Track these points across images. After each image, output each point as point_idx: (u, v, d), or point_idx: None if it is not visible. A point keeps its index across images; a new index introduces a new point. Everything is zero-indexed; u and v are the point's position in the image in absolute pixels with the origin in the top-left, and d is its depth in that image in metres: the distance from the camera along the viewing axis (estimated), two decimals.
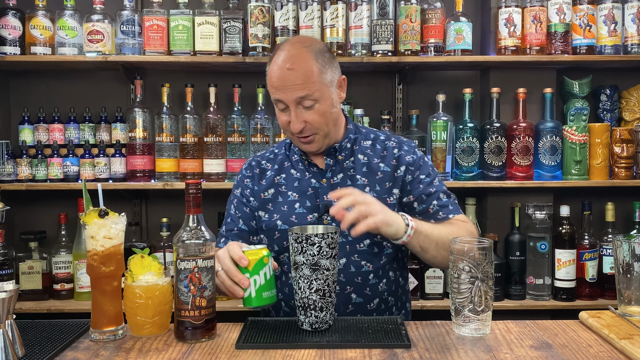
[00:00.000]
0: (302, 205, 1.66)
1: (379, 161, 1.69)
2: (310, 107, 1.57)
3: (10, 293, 1.11)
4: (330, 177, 1.67)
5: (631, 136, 2.62)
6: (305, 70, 1.55)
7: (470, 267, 1.27)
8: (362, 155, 1.69)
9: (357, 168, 1.67)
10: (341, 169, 1.68)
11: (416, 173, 1.68)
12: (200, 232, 1.28)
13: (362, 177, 1.66)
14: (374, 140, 1.73)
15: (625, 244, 1.35)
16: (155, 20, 2.55)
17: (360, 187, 1.63)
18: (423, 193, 1.66)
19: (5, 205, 2.06)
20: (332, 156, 1.68)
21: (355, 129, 1.74)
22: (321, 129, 1.61)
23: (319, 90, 1.56)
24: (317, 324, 1.30)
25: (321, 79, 1.57)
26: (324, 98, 1.58)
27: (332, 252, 1.28)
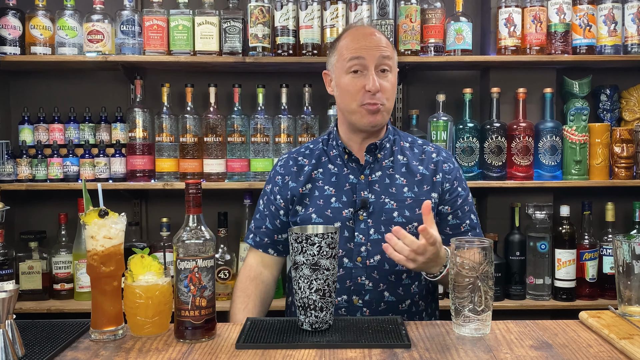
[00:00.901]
0: (338, 199, 1.67)
1: (417, 164, 1.70)
2: (386, 73, 1.63)
3: (10, 293, 1.11)
4: (368, 174, 1.68)
5: (631, 136, 2.62)
6: (386, 40, 1.66)
7: (470, 267, 1.27)
8: (402, 155, 1.71)
9: (397, 168, 1.69)
10: (380, 167, 1.69)
11: (455, 183, 1.70)
12: (200, 232, 1.28)
13: (401, 177, 1.68)
14: (412, 144, 1.76)
15: (625, 244, 1.35)
16: (155, 20, 2.55)
17: (399, 187, 1.65)
18: (460, 208, 1.69)
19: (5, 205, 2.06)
20: (371, 153, 1.69)
21: (394, 130, 1.78)
22: (388, 101, 1.65)
23: (393, 60, 1.65)
24: (317, 324, 1.30)
25: (395, 53, 1.67)
26: (394, 72, 1.66)
27: (332, 252, 1.28)
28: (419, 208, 1.62)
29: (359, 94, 1.62)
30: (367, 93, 1.60)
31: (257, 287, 1.73)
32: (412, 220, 1.63)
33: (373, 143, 1.68)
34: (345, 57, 1.64)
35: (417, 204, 1.64)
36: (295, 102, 2.74)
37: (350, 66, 1.63)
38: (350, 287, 1.63)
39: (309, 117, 2.62)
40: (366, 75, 1.61)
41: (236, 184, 2.56)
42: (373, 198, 1.65)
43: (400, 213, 1.64)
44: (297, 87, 2.71)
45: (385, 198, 1.65)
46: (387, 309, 1.62)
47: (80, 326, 1.35)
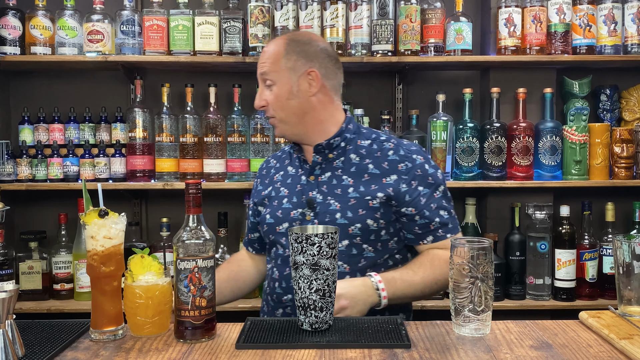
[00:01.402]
0: (289, 200, 1.71)
1: (369, 162, 1.67)
2: (269, 87, 1.66)
3: (10, 293, 1.11)
4: (319, 174, 1.69)
5: (631, 136, 2.62)
6: (271, 52, 1.67)
7: (470, 267, 1.27)
8: (355, 155, 1.69)
9: (346, 168, 1.68)
10: (330, 168, 1.69)
11: (413, 183, 1.64)
12: (200, 232, 1.28)
13: (348, 177, 1.66)
14: (373, 141, 1.72)
15: (625, 244, 1.35)
16: (155, 20, 2.55)
17: (345, 188, 1.64)
18: (425, 208, 1.64)
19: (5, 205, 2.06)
20: (320, 154, 1.69)
21: (356, 129, 1.74)
22: (277, 113, 1.68)
23: (276, 73, 1.65)
24: (317, 324, 1.30)
25: (280, 63, 1.65)
26: (281, 82, 1.65)
27: (332, 252, 1.28)
28: (362, 209, 1.62)
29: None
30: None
31: (230, 264, 1.91)
32: (355, 221, 1.62)
33: (320, 144, 1.68)
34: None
35: (360, 205, 1.62)
36: None
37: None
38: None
39: None
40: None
41: (236, 184, 2.57)
42: (320, 198, 1.66)
43: (342, 214, 1.62)
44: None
45: (330, 199, 1.65)
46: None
47: (80, 326, 1.35)
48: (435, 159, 2.59)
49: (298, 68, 1.65)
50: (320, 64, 1.67)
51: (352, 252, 1.63)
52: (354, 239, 1.62)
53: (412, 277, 1.59)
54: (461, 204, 2.76)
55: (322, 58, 1.68)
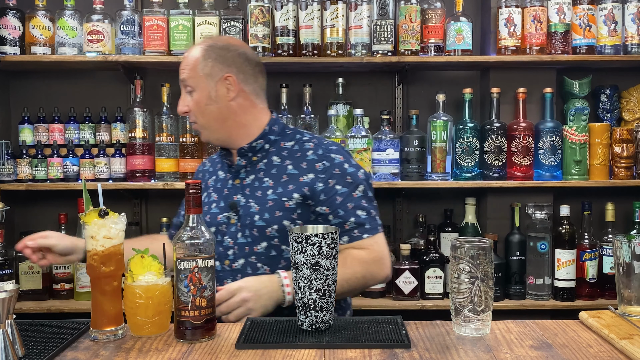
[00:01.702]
0: (217, 205, 1.72)
1: (289, 162, 1.68)
2: (190, 93, 1.69)
3: (10, 293, 1.11)
4: (244, 177, 1.71)
5: (631, 136, 2.62)
6: (189, 59, 1.69)
7: (470, 267, 1.27)
8: (277, 157, 1.70)
9: (267, 170, 1.69)
10: (254, 171, 1.70)
11: (330, 182, 1.63)
12: (200, 232, 1.28)
13: (269, 179, 1.67)
14: (296, 141, 1.72)
15: (625, 244, 1.35)
16: (155, 20, 2.55)
17: (265, 190, 1.66)
18: (340, 207, 1.62)
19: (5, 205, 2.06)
20: (244, 157, 1.71)
21: (280, 131, 1.74)
22: (198, 119, 1.70)
23: (194, 79, 1.68)
24: (317, 324, 1.30)
25: (198, 69, 1.67)
26: (199, 88, 1.68)
27: (332, 252, 1.28)
28: (279, 210, 1.63)
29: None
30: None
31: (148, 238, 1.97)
32: (272, 223, 1.62)
33: (242, 147, 1.70)
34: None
35: (278, 206, 1.63)
36: (295, 102, 2.74)
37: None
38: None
39: (309, 117, 2.63)
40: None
41: None
42: (243, 202, 1.68)
43: (260, 216, 1.63)
44: (297, 87, 2.71)
45: (251, 202, 1.66)
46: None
47: (80, 326, 1.35)
48: (435, 159, 2.59)
49: (215, 74, 1.67)
50: (238, 69, 1.68)
51: (272, 253, 1.64)
52: (272, 240, 1.64)
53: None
54: (461, 204, 2.76)
55: (240, 63, 1.69)
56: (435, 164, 2.59)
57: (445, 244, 2.70)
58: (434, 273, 2.60)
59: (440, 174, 2.59)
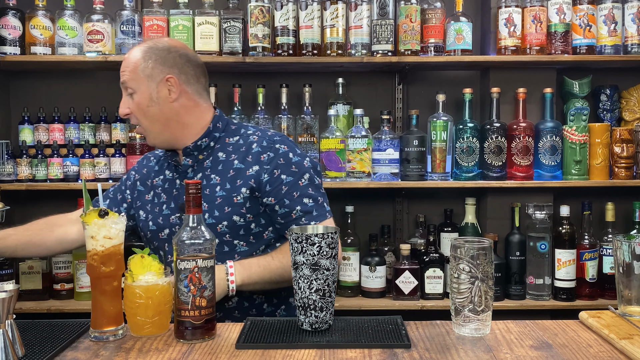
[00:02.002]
0: (168, 206, 1.71)
1: (235, 157, 1.67)
2: (131, 95, 1.66)
3: (10, 293, 1.11)
4: (191, 177, 1.69)
5: (631, 136, 2.62)
6: (130, 61, 1.66)
7: (470, 267, 1.27)
8: (223, 152, 1.69)
9: (214, 167, 1.68)
10: (201, 169, 1.69)
11: (275, 172, 1.62)
12: (201, 232, 1.28)
13: (216, 175, 1.66)
14: (241, 136, 1.72)
15: (625, 244, 1.35)
16: (155, 20, 2.55)
17: (213, 187, 1.65)
18: (286, 196, 1.62)
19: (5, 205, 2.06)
20: (190, 156, 1.70)
21: (225, 127, 1.74)
22: (141, 122, 1.68)
23: (134, 81, 1.65)
24: (317, 324, 1.30)
25: (138, 71, 1.65)
26: (140, 90, 1.65)
27: (332, 252, 1.28)
28: (228, 206, 1.62)
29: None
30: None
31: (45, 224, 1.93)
32: (222, 219, 1.62)
33: (187, 147, 1.69)
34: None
35: (226, 203, 1.63)
36: (295, 102, 2.74)
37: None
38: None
39: (309, 117, 2.63)
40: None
41: None
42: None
43: (210, 214, 1.62)
44: (297, 87, 2.71)
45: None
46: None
47: (80, 326, 1.35)
48: (435, 159, 2.59)
49: (156, 75, 1.64)
50: (180, 70, 1.67)
51: (225, 249, 1.64)
52: (224, 236, 1.63)
53: (269, 262, 1.60)
54: (461, 204, 2.76)
55: (182, 64, 1.68)
56: (435, 164, 2.60)
57: (445, 244, 2.70)
58: (434, 273, 2.60)
59: (440, 174, 2.59)
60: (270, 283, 1.61)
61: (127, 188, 1.84)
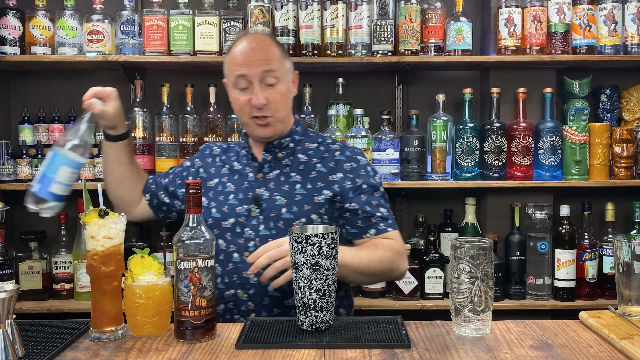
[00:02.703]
0: (236, 196, 1.74)
1: (317, 161, 1.74)
2: (272, 85, 1.67)
3: (10, 293, 1.11)
4: (267, 172, 1.74)
5: (631, 136, 2.62)
6: (270, 50, 1.70)
7: (470, 267, 1.27)
8: (303, 155, 1.76)
9: (294, 166, 1.74)
10: (279, 166, 1.75)
11: (358, 182, 1.72)
12: (201, 232, 1.28)
13: (296, 174, 1.72)
14: (320, 144, 1.80)
15: (625, 244, 1.35)
16: (155, 20, 2.55)
17: (292, 184, 1.71)
18: (366, 204, 1.70)
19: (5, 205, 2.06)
20: (271, 152, 1.75)
21: (303, 132, 1.82)
22: (278, 111, 1.70)
23: (281, 70, 1.70)
24: (317, 324, 1.30)
25: (282, 62, 1.71)
26: (284, 79, 1.70)
27: (332, 252, 1.29)
28: (308, 204, 1.68)
29: (247, 107, 1.69)
30: (254, 107, 1.68)
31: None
32: (300, 216, 1.67)
33: (271, 143, 1.75)
34: (231, 73, 1.71)
35: (307, 201, 1.69)
36: (295, 102, 2.71)
37: (235, 82, 1.70)
38: (236, 281, 1.67)
39: (309, 117, 2.63)
40: (252, 89, 1.68)
41: None
42: (267, 195, 1.71)
43: (288, 209, 1.68)
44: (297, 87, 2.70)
45: (277, 195, 1.70)
46: (271, 303, 1.65)
47: (80, 326, 1.35)
48: (435, 159, 2.59)
49: (290, 69, 1.74)
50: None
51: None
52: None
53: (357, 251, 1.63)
54: (461, 204, 2.76)
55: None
56: (435, 164, 2.60)
57: (445, 244, 2.70)
58: (434, 273, 2.60)
59: (440, 174, 2.59)
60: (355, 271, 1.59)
61: (190, 174, 1.88)
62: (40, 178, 1.49)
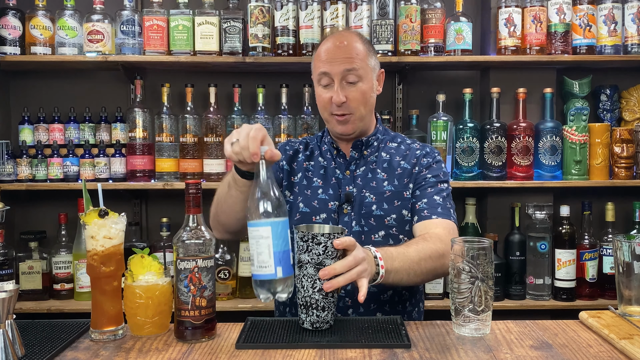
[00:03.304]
0: (324, 192, 1.73)
1: (400, 159, 1.75)
2: (354, 83, 1.67)
3: (10, 293, 1.11)
4: (354, 169, 1.74)
5: (631, 136, 2.62)
6: (354, 48, 1.68)
7: (470, 267, 1.27)
8: (386, 153, 1.77)
9: (379, 163, 1.75)
10: (365, 163, 1.75)
11: (424, 171, 1.73)
12: (200, 232, 1.28)
13: (382, 172, 1.73)
14: (400, 143, 1.81)
15: (625, 244, 1.35)
16: (155, 20, 2.55)
17: (380, 181, 1.71)
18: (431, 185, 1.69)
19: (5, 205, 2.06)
20: (358, 149, 1.76)
21: (384, 131, 1.84)
22: (358, 110, 1.69)
23: (364, 69, 1.68)
24: (318, 324, 1.30)
25: (366, 60, 1.69)
26: (367, 78, 1.69)
27: (337, 253, 1.28)
28: (397, 200, 1.68)
29: (328, 104, 1.69)
30: (334, 104, 1.68)
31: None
32: (390, 212, 1.68)
33: (359, 140, 1.75)
34: (316, 70, 1.72)
35: (395, 197, 1.69)
36: (295, 102, 2.74)
37: (319, 79, 1.71)
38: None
39: (309, 117, 2.63)
40: (333, 87, 1.68)
41: None
42: (356, 192, 1.71)
43: (378, 206, 1.68)
44: (297, 87, 2.71)
45: (366, 192, 1.70)
46: (369, 299, 1.62)
47: (80, 326, 1.35)
48: None
49: (376, 67, 1.74)
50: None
51: (389, 242, 1.66)
52: (390, 229, 1.67)
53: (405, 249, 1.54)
54: (461, 204, 2.76)
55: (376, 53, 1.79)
56: None
57: None
58: None
59: None
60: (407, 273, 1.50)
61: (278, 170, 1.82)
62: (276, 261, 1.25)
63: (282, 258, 1.25)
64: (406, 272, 1.49)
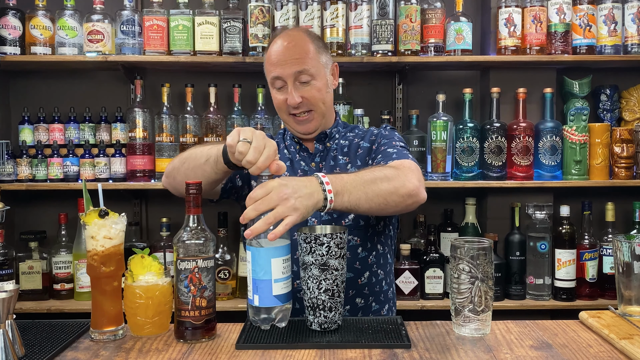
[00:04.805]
0: None
1: (359, 140, 1.76)
2: (307, 82, 1.66)
3: (10, 293, 1.11)
4: (319, 161, 1.75)
5: (631, 136, 2.62)
6: (303, 48, 1.67)
7: (470, 267, 1.27)
8: (344, 140, 1.78)
9: (339, 150, 1.76)
10: (327, 153, 1.76)
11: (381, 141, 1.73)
12: (201, 232, 1.28)
13: (343, 156, 1.74)
14: (358, 129, 1.83)
15: (625, 244, 1.35)
16: (155, 20, 2.55)
17: (342, 165, 1.72)
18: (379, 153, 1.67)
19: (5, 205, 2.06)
20: (321, 142, 1.77)
21: (344, 124, 1.86)
22: (317, 107, 1.69)
23: (315, 67, 1.67)
24: (326, 324, 1.30)
25: (317, 58, 1.68)
26: (320, 75, 1.69)
27: (341, 252, 1.28)
28: None
29: (284, 105, 1.70)
30: (290, 106, 1.68)
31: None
32: None
33: (323, 132, 1.75)
34: (269, 74, 1.71)
35: None
36: None
37: (272, 83, 1.71)
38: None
39: None
40: (287, 89, 1.67)
41: None
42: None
43: None
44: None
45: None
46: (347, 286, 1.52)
47: (80, 326, 1.35)
48: (435, 159, 2.59)
49: (328, 62, 1.74)
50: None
51: (360, 223, 1.66)
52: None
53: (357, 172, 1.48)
54: (461, 204, 2.76)
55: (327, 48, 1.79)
56: (435, 164, 2.59)
57: (445, 244, 2.70)
58: (434, 273, 2.60)
59: (440, 174, 2.59)
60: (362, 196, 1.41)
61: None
62: (254, 288, 1.26)
63: (260, 287, 1.26)
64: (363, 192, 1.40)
